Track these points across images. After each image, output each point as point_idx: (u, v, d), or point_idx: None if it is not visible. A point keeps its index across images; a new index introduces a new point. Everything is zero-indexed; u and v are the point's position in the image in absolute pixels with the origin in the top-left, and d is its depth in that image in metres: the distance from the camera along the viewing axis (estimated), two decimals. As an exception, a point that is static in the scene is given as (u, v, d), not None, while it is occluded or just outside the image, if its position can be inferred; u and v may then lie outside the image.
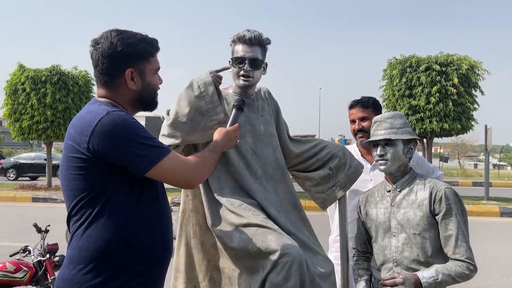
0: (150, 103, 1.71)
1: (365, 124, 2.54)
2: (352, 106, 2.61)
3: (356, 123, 2.57)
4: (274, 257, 1.81)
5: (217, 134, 1.85)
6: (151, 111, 1.78)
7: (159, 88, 1.73)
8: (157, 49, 1.69)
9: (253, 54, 2.09)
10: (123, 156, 1.48)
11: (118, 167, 1.50)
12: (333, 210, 2.69)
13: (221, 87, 2.24)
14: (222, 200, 2.01)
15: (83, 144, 1.48)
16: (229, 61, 2.16)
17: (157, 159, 1.51)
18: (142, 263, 1.56)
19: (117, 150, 1.47)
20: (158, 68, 1.71)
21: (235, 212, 1.96)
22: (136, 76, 1.62)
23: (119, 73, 1.60)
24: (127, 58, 1.59)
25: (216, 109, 1.97)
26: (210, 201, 2.05)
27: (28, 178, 20.51)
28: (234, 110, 1.98)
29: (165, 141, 1.95)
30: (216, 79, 2.02)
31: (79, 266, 1.50)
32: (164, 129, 2.01)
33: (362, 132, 2.55)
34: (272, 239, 1.86)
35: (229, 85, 2.24)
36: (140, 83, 1.64)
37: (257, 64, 2.11)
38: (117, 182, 1.52)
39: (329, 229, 2.83)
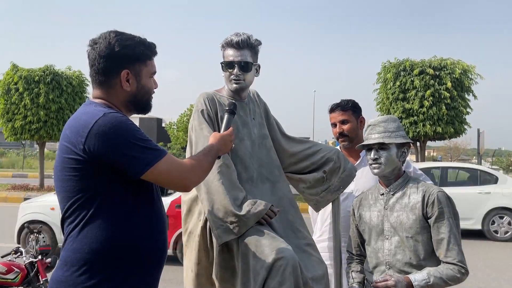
0: (143, 105, 1.71)
1: (345, 127, 2.56)
2: (332, 110, 2.61)
3: (337, 126, 2.58)
4: (268, 261, 1.81)
5: (212, 138, 1.84)
6: (145, 114, 1.79)
7: (154, 92, 1.73)
8: (154, 53, 1.70)
9: (242, 57, 2.10)
10: (119, 158, 1.48)
11: (113, 168, 1.50)
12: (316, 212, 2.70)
13: (214, 89, 2.24)
14: None
15: (79, 145, 1.48)
16: (221, 66, 2.16)
17: (153, 161, 1.51)
18: (136, 265, 1.55)
19: (113, 151, 1.47)
20: (154, 72, 1.71)
21: None
22: (131, 78, 1.63)
23: (114, 74, 1.60)
24: (123, 59, 1.60)
25: None
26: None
27: None
28: (226, 115, 1.97)
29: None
30: None
31: (73, 267, 1.49)
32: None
33: (343, 136, 2.57)
34: (266, 244, 1.86)
35: (222, 86, 2.24)
36: (135, 85, 1.64)
37: (247, 67, 2.11)
38: (112, 184, 1.52)
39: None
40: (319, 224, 2.66)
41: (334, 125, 2.61)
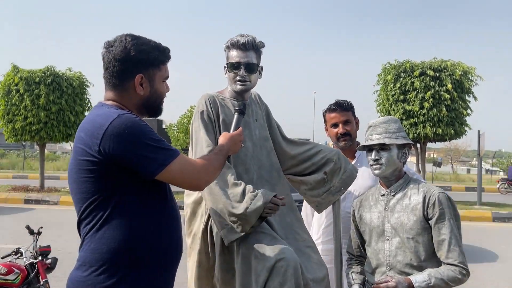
0: (155, 109, 1.74)
1: (348, 127, 2.56)
2: (334, 110, 2.59)
3: (340, 127, 2.57)
4: (269, 262, 1.82)
5: (222, 138, 1.87)
6: (156, 117, 1.81)
7: (165, 95, 1.76)
8: (168, 58, 1.73)
9: (248, 59, 2.10)
10: (133, 158, 1.51)
11: (128, 169, 1.53)
12: (309, 215, 2.70)
13: (215, 91, 2.24)
14: None
15: (94, 147, 1.50)
16: (224, 67, 2.17)
17: (167, 161, 1.54)
18: (153, 263, 1.59)
19: (128, 152, 1.50)
20: (167, 77, 1.74)
21: None
22: (145, 82, 1.66)
23: (129, 77, 1.64)
24: (138, 63, 1.63)
25: None
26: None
27: None
28: (236, 115, 2.00)
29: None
30: None
31: (92, 267, 1.53)
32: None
33: (347, 136, 2.56)
34: (267, 245, 1.87)
35: (224, 88, 2.24)
36: (148, 89, 1.67)
37: (252, 68, 2.12)
38: (127, 184, 1.55)
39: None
40: (316, 227, 2.65)
41: (335, 125, 2.59)
